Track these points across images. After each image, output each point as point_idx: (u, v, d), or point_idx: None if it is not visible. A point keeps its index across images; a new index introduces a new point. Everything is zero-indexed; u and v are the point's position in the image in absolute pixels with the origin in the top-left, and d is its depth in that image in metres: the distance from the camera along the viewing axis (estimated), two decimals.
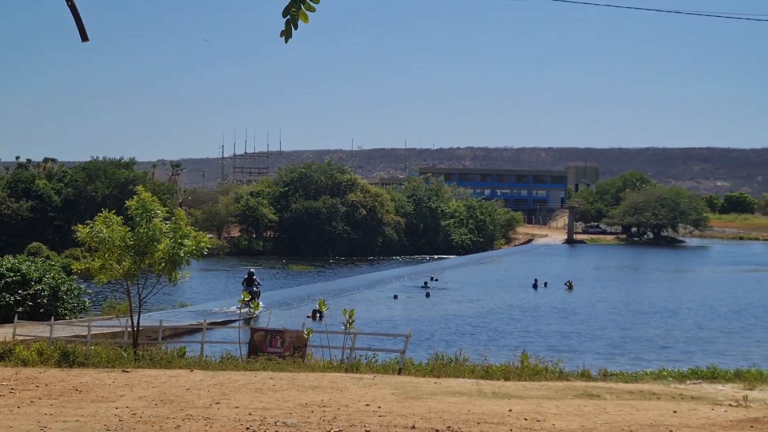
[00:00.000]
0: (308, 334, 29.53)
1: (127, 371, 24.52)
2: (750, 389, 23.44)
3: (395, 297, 61.75)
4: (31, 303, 39.45)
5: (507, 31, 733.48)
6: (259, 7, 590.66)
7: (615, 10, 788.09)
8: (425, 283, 70.48)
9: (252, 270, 57.30)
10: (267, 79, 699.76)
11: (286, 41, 5.78)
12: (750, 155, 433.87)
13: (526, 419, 16.91)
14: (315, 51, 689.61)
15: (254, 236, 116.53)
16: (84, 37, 6.89)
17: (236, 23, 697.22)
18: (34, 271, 41.11)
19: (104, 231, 29.29)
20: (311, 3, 5.57)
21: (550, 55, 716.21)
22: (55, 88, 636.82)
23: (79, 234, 30.18)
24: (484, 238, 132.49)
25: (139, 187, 31.58)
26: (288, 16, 5.63)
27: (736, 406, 20.15)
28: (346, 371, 25.76)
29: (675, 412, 18.54)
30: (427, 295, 63.91)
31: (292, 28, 5.61)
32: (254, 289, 53.65)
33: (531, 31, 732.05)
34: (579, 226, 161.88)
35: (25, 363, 26.50)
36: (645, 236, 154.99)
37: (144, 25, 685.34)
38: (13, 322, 33.39)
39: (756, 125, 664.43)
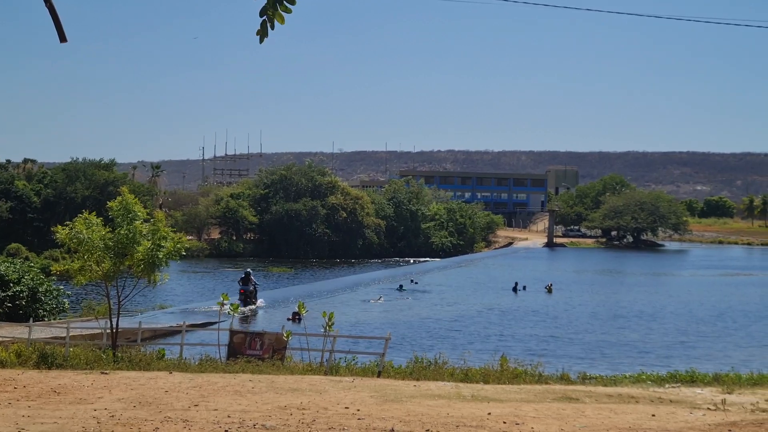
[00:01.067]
0: (287, 337, 29.47)
1: (106, 373, 24.44)
2: (728, 393, 23.53)
3: (380, 298, 62.07)
4: (9, 304, 39.29)
5: (488, 35, 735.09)
6: (240, 10, 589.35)
7: (596, 15, 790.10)
8: (400, 285, 70.63)
9: (249, 270, 58.83)
10: (247, 81, 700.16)
11: (261, 41, 5.79)
12: (729, 159, 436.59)
13: (504, 422, 16.89)
14: (296, 54, 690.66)
15: (234, 238, 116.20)
16: (62, 38, 6.83)
17: (217, 26, 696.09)
18: (13, 272, 40.93)
19: (84, 232, 29.23)
20: (287, 5, 5.56)
21: (531, 59, 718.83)
22: (35, 88, 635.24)
23: (58, 235, 30.05)
24: (464, 241, 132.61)
25: (123, 188, 31.58)
26: (264, 17, 5.63)
27: (715, 410, 20.21)
28: (326, 374, 25.74)
29: (653, 415, 18.56)
30: (400, 287, 66.99)
31: (269, 28, 5.63)
32: (251, 288, 55.83)
33: (512, 36, 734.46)
34: (559, 229, 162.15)
35: (3, 364, 26.39)
36: (625, 240, 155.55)
37: (124, 27, 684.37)
38: None
39: (735, 130, 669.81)
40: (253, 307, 54.59)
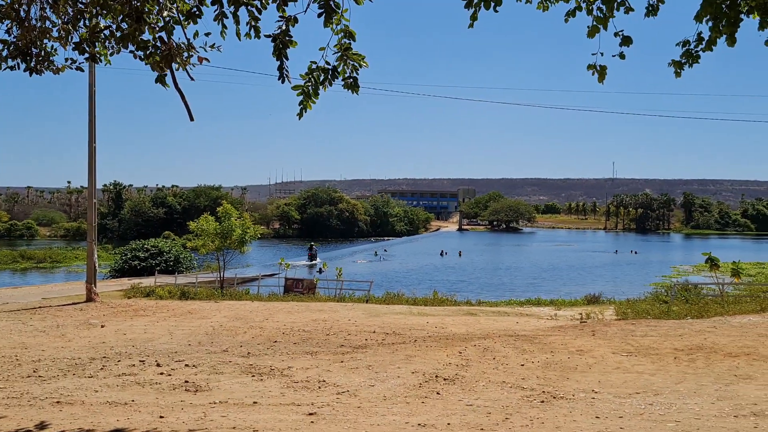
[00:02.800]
0: (316, 281, 29.50)
1: (217, 302, 24.38)
2: (558, 310, 23.70)
3: (375, 256, 62.66)
4: (164, 264, 39.21)
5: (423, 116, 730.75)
6: (282, 90, 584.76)
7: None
8: (375, 252, 70.88)
9: (312, 243, 60.32)
10: (293, 135, 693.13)
11: (299, 119, 5.72)
12: (558, 182, 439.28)
13: (435, 327, 16.95)
14: (325, 118, 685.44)
15: (287, 227, 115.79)
16: (191, 118, 6.17)
17: (273, 97, 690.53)
18: (165, 246, 40.90)
19: (204, 225, 29.37)
20: (314, 98, 5.59)
21: (453, 124, 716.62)
22: (177, 142, 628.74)
23: (191, 226, 30.19)
24: (413, 228, 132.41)
25: (224, 201, 31.64)
26: (301, 106, 5.63)
27: (550, 319, 20.35)
28: (338, 301, 25.74)
29: (517, 322, 18.68)
30: (375, 253, 67.97)
31: (304, 113, 5.59)
32: (313, 252, 57.52)
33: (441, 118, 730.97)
34: (465, 221, 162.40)
35: (161, 297, 26.32)
36: (501, 226, 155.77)
37: (228, 94, 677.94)
38: (154, 275, 33.21)
39: (560, 163, 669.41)
40: (314, 262, 55.18)
